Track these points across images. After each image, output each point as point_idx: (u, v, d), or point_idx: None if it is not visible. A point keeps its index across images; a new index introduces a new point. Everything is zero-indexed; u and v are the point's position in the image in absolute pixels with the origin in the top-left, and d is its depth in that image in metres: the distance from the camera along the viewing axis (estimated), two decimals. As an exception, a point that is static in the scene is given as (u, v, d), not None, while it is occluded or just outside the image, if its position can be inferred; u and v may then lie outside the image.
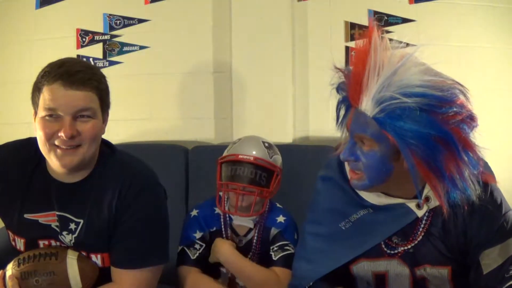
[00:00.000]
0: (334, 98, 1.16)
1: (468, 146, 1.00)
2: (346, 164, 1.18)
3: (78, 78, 1.16)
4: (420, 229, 1.13)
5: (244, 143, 1.60)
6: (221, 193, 1.60)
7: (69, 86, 1.15)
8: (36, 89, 1.19)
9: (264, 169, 1.55)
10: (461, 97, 1.01)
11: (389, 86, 0.99)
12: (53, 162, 1.20)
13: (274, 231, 1.59)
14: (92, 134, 1.20)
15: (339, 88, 1.13)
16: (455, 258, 1.12)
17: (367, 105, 1.03)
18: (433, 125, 0.97)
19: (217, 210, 1.62)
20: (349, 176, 1.17)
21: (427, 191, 1.11)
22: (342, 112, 1.15)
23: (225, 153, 1.62)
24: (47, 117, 1.17)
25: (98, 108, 1.22)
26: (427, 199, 1.12)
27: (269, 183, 1.55)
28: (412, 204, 1.12)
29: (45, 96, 1.16)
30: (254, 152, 1.56)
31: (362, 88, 1.03)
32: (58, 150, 1.18)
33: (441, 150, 0.98)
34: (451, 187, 1.01)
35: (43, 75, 1.18)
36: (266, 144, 1.61)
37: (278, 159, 1.61)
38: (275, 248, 1.54)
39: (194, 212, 1.62)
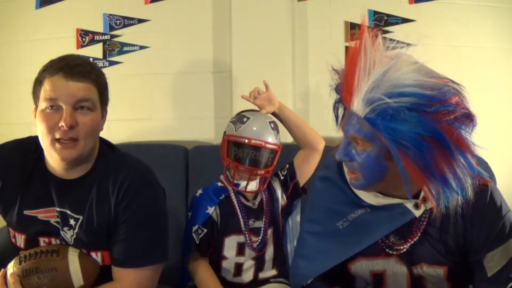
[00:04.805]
0: (333, 98, 1.17)
1: (462, 145, 0.99)
2: (343, 164, 1.18)
3: (79, 70, 1.20)
4: (417, 229, 1.14)
5: (254, 125, 1.64)
6: (228, 170, 1.68)
7: (70, 77, 1.18)
8: (38, 83, 1.22)
9: (273, 151, 1.65)
10: (455, 96, 1.00)
11: (379, 86, 0.99)
12: (53, 156, 1.21)
13: (274, 178, 1.77)
14: (91, 127, 1.22)
15: (336, 89, 1.13)
16: (453, 258, 1.12)
17: (358, 105, 1.02)
18: (422, 124, 0.96)
19: (220, 184, 1.70)
20: (347, 176, 1.17)
21: (423, 191, 1.10)
22: (340, 112, 1.16)
23: (232, 130, 1.66)
24: (47, 110, 1.19)
25: (98, 101, 1.24)
26: (424, 199, 1.11)
27: (273, 161, 1.66)
28: (409, 204, 1.12)
29: (46, 87, 1.19)
30: (264, 136, 1.63)
31: (353, 88, 1.03)
32: (57, 144, 1.19)
33: (432, 149, 0.97)
34: (443, 187, 1.00)
35: (44, 69, 1.21)
36: (272, 125, 1.68)
37: (279, 137, 1.70)
38: (284, 172, 1.76)
39: (199, 192, 1.70)
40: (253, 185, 1.67)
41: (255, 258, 1.66)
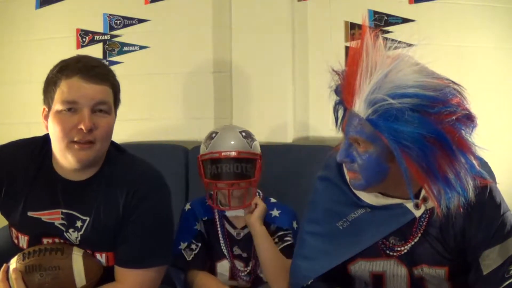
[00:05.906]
0: (333, 99, 1.16)
1: (464, 147, 0.99)
2: (344, 164, 1.18)
3: (96, 73, 1.19)
4: (418, 229, 1.13)
5: (222, 138, 1.58)
6: (210, 191, 1.61)
7: (88, 79, 1.17)
8: (52, 84, 1.20)
9: (247, 160, 1.56)
10: (456, 97, 1.00)
11: (381, 87, 0.99)
12: (68, 158, 1.20)
13: (273, 227, 1.61)
14: (107, 130, 1.22)
15: (336, 91, 1.13)
16: (453, 258, 1.12)
17: (360, 106, 1.02)
18: (425, 125, 0.96)
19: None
20: (347, 176, 1.17)
21: (424, 191, 1.10)
22: (340, 113, 1.15)
23: (204, 150, 1.60)
24: (64, 111, 1.17)
25: (113, 104, 1.24)
26: (424, 199, 1.11)
27: (253, 172, 1.57)
28: (409, 204, 1.12)
29: (63, 89, 1.17)
30: (235, 146, 1.56)
31: (355, 89, 1.03)
32: (76, 146, 1.18)
33: (434, 150, 0.97)
34: (445, 188, 1.00)
35: (60, 70, 1.19)
36: (244, 134, 1.61)
37: (256, 145, 1.62)
38: (276, 240, 1.56)
39: (188, 206, 1.65)
40: (239, 211, 1.58)
41: (251, 282, 1.60)
